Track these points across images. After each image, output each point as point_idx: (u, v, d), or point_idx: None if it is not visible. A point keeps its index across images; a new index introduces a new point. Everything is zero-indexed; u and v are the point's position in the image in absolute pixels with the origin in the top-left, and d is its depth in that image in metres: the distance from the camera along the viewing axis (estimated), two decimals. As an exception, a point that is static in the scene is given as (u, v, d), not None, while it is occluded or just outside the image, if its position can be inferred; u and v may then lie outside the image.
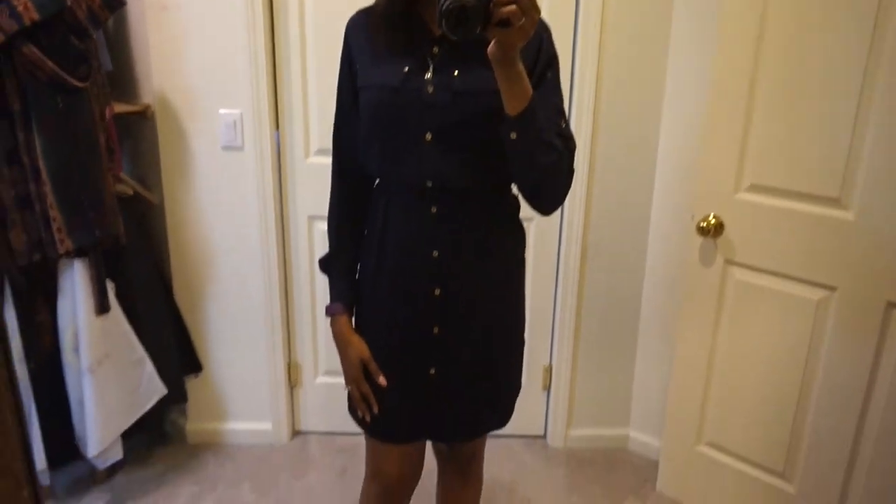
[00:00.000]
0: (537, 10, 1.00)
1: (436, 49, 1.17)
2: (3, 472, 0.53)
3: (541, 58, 1.20)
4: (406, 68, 1.17)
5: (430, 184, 1.20)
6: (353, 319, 1.37)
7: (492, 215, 1.27)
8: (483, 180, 1.22)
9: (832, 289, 1.74)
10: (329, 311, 1.36)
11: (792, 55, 1.69)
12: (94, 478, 2.18)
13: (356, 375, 1.32)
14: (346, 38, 1.27)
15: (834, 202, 1.69)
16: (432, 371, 1.30)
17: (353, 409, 1.39)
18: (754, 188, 1.82)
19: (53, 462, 1.98)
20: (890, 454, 1.70)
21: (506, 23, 0.97)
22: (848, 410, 1.76)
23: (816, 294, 1.77)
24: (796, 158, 1.73)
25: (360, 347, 1.32)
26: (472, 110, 1.14)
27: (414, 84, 1.16)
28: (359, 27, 1.26)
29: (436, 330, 1.28)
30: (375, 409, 1.32)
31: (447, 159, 1.18)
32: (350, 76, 1.27)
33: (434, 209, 1.22)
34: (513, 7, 0.96)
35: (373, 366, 1.31)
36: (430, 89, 1.16)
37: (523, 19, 0.97)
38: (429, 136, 1.18)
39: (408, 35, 1.17)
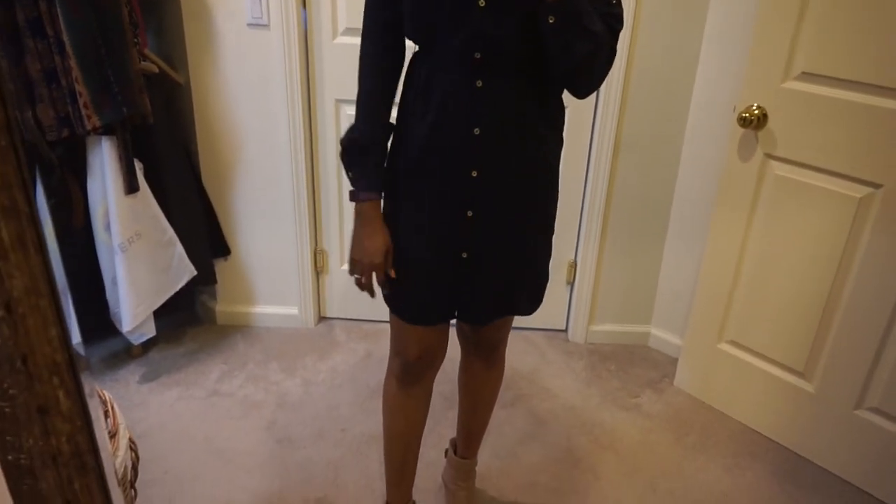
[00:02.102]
0: None
1: None
2: (35, 310, 0.53)
3: None
4: None
5: (478, 55, 1.13)
6: (384, 200, 1.33)
7: (538, 92, 1.21)
8: (536, 51, 1.14)
9: (877, 186, 1.69)
10: (360, 197, 1.27)
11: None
12: (130, 352, 2.26)
13: (377, 263, 1.28)
14: None
15: (888, 92, 1.60)
16: (464, 255, 1.29)
17: (385, 289, 1.37)
18: (805, 76, 1.73)
19: (88, 337, 2.04)
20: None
21: None
22: (878, 313, 1.74)
23: (859, 191, 1.72)
24: (852, 46, 1.63)
25: (387, 238, 1.29)
26: None
27: None
28: None
29: (470, 213, 1.25)
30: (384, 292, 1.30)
31: (500, 27, 1.11)
32: None
33: (479, 83, 1.16)
34: None
35: (390, 259, 1.30)
36: None
37: None
38: (482, 2, 1.10)
39: None
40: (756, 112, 1.82)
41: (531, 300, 1.42)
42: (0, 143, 0.46)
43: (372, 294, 1.33)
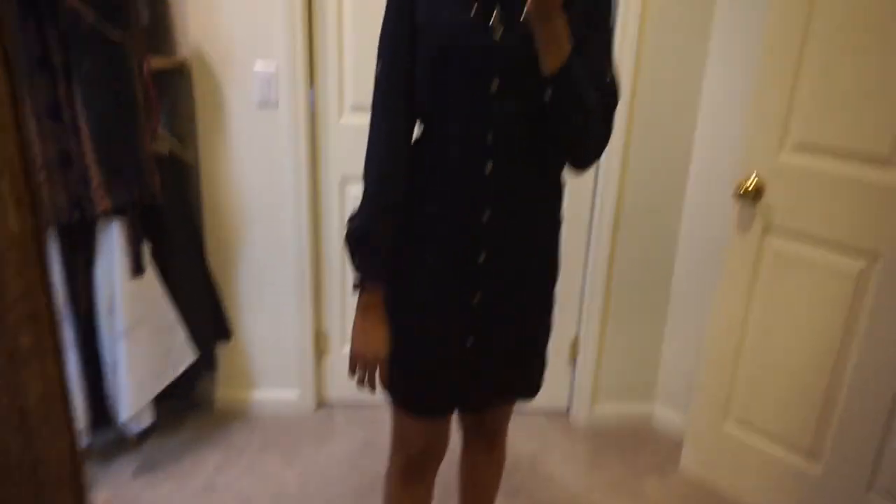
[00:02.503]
0: None
1: None
2: (47, 420, 0.51)
3: (600, 3, 1.17)
4: (472, 11, 1.11)
5: (490, 137, 1.14)
6: (391, 282, 1.27)
7: (544, 175, 1.23)
8: (543, 134, 1.15)
9: (875, 258, 1.71)
10: (364, 288, 1.22)
11: (847, 6, 1.64)
12: (125, 443, 2.17)
13: (382, 357, 1.24)
14: None
15: (883, 162, 1.65)
16: (471, 340, 1.26)
17: (388, 382, 1.31)
18: (800, 147, 1.79)
19: (89, 426, 1.97)
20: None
21: None
22: (883, 389, 1.73)
23: (857, 264, 1.74)
24: (846, 114, 1.69)
25: (387, 334, 1.25)
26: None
27: (482, 26, 1.11)
28: None
29: (477, 298, 1.23)
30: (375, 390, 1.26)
31: (511, 109, 1.13)
32: (407, 9, 1.16)
33: (490, 166, 1.16)
34: None
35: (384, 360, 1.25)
36: (498, 32, 1.11)
37: None
38: (495, 85, 1.12)
39: None
40: (753, 184, 1.84)
41: (533, 385, 1.40)
42: (29, 253, 0.44)
43: (374, 390, 1.27)
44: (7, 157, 0.43)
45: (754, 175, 1.85)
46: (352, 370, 1.27)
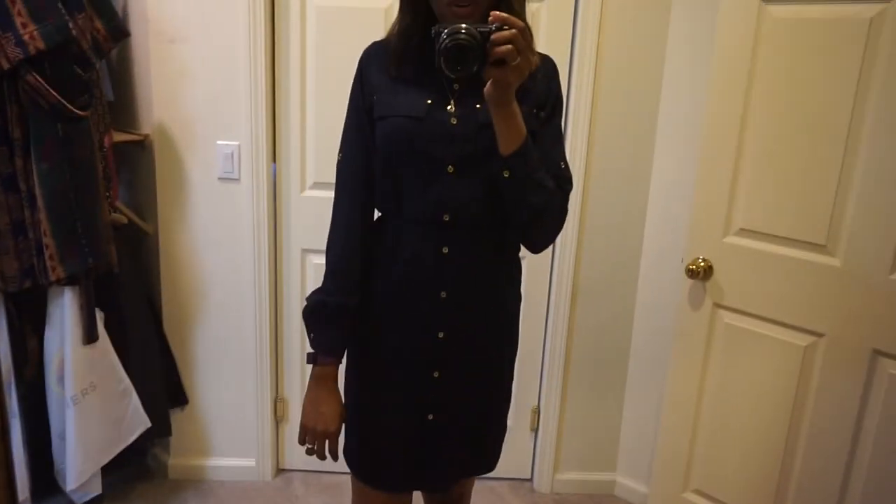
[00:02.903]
0: (532, 52, 1.04)
1: (456, 85, 1.18)
2: None
3: (550, 97, 1.23)
4: (429, 100, 1.18)
5: (447, 218, 1.19)
6: (348, 361, 1.33)
7: (500, 253, 1.28)
8: (499, 214, 1.20)
9: (819, 335, 1.76)
10: (318, 361, 1.26)
11: (780, 104, 1.74)
12: (72, 512, 2.13)
13: (332, 431, 1.27)
14: (360, 69, 1.26)
15: (821, 248, 1.72)
16: (430, 416, 1.28)
17: (347, 453, 1.35)
18: (743, 232, 1.85)
19: (33, 495, 1.93)
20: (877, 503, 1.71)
21: (502, 62, 1.00)
22: (835, 458, 1.76)
23: (804, 340, 1.79)
24: (784, 204, 1.77)
25: (342, 404, 1.29)
26: (495, 142, 1.12)
27: (437, 115, 1.17)
28: (374, 58, 1.25)
29: (436, 374, 1.27)
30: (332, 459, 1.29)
31: (468, 191, 1.18)
32: (364, 106, 1.24)
33: (446, 249, 1.21)
34: (509, 47, 0.99)
35: (341, 427, 1.29)
36: (454, 121, 1.17)
37: (518, 59, 1.00)
38: (451, 168, 1.18)
39: (426, 68, 1.17)
40: (702, 265, 1.92)
41: (492, 457, 1.42)
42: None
43: (323, 458, 1.29)
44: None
45: (701, 257, 1.92)
46: (300, 442, 1.29)
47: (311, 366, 1.27)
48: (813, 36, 1.66)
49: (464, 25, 1.01)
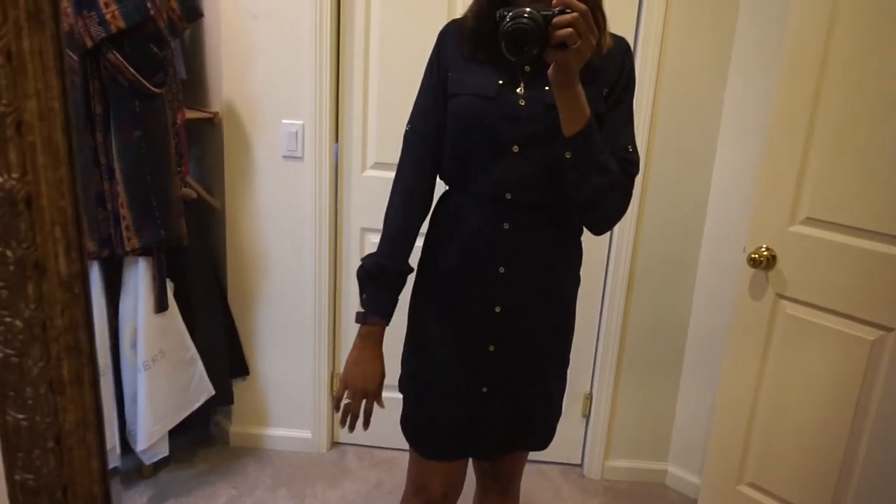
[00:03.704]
0: (594, 34, 1.04)
1: (527, 67, 1.20)
2: (81, 443, 0.57)
3: (622, 78, 1.23)
4: (500, 81, 1.20)
5: (509, 196, 1.22)
6: (408, 332, 1.38)
7: (561, 233, 1.29)
8: (561, 194, 1.22)
9: (889, 329, 1.70)
10: (367, 320, 1.29)
11: (854, 85, 1.68)
12: (141, 472, 2.24)
13: (371, 390, 1.29)
14: (438, 46, 1.30)
15: (891, 239, 1.66)
16: (484, 389, 1.31)
17: (405, 424, 1.39)
18: (810, 221, 1.81)
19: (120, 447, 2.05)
20: (944, 503, 1.66)
21: (563, 45, 1.02)
22: (900, 456, 1.71)
23: (872, 334, 1.73)
24: (854, 192, 1.71)
25: (383, 367, 1.31)
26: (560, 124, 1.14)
27: (507, 96, 1.20)
28: (451, 36, 1.28)
29: (491, 348, 1.29)
30: (363, 425, 1.30)
31: (531, 171, 1.21)
32: (439, 82, 1.27)
33: (507, 225, 1.23)
34: (569, 30, 1.00)
35: (380, 396, 1.31)
36: (522, 102, 1.19)
37: (580, 42, 1.01)
38: (516, 148, 1.20)
39: (499, 50, 1.18)
40: (765, 254, 1.87)
41: (544, 435, 1.43)
42: (74, 291, 0.52)
43: (354, 424, 1.31)
44: (62, 209, 0.50)
45: (764, 246, 1.88)
46: (338, 397, 1.32)
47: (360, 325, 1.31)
48: (892, 11, 1.59)
49: (527, 9, 1.02)
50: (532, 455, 1.52)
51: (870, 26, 1.63)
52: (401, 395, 1.40)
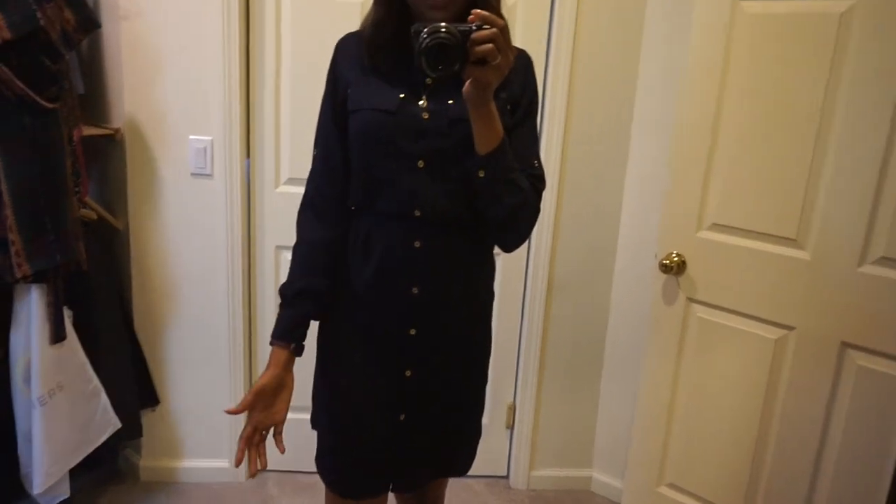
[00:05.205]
0: (513, 50, 1.04)
1: (429, 80, 1.17)
2: None
3: (527, 91, 1.22)
4: (401, 94, 1.17)
5: (418, 213, 1.18)
6: (318, 362, 1.32)
7: (475, 249, 1.27)
8: (471, 210, 1.19)
9: (790, 328, 1.79)
10: (271, 342, 1.24)
11: (753, 99, 1.77)
12: (39, 516, 2.07)
13: (270, 420, 1.23)
14: (335, 60, 1.26)
15: (791, 242, 1.75)
16: (402, 417, 1.27)
17: (320, 462, 1.32)
18: (715, 227, 1.88)
19: (-2, 498, 1.88)
20: (845, 496, 1.73)
21: (482, 61, 0.99)
22: (805, 450, 1.79)
23: (775, 333, 1.82)
24: (755, 199, 1.80)
25: (288, 396, 1.24)
26: (467, 137, 1.11)
27: (409, 110, 1.16)
28: (347, 50, 1.25)
29: (408, 373, 1.25)
30: (259, 462, 1.24)
31: (439, 187, 1.17)
32: (337, 98, 1.24)
33: (419, 243, 1.20)
34: (490, 46, 0.98)
35: (280, 427, 1.25)
36: (426, 115, 1.16)
37: (499, 58, 1.00)
38: (421, 164, 1.17)
39: (399, 62, 1.17)
40: (675, 259, 1.94)
41: (467, 459, 1.41)
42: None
43: (243, 454, 1.24)
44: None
45: (675, 252, 1.94)
46: (242, 433, 1.24)
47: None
48: (785, 31, 1.69)
49: (443, 24, 0.99)
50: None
51: (765, 41, 1.72)
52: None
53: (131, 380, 2.20)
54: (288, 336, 1.24)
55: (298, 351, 1.25)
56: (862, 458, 1.70)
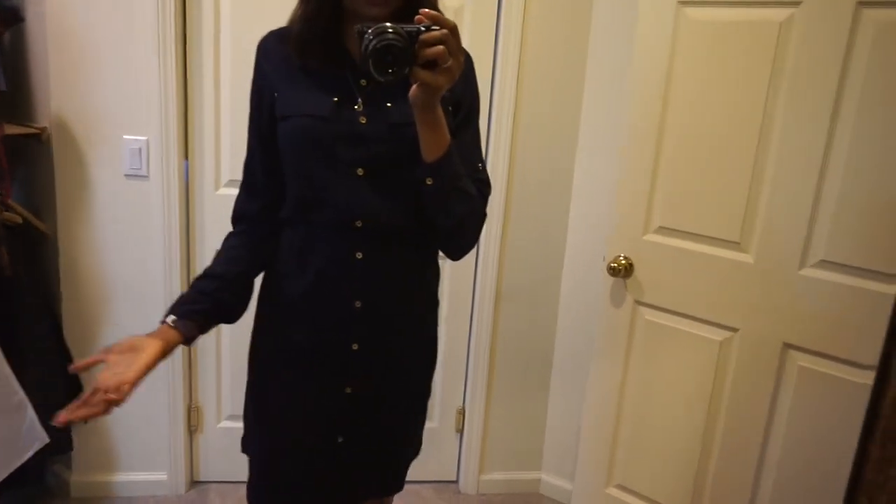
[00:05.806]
0: (462, 53, 0.98)
1: (363, 81, 1.11)
2: None
3: (467, 95, 1.17)
4: (335, 98, 1.10)
5: (359, 224, 1.12)
6: (249, 383, 1.25)
7: (419, 257, 1.21)
8: (414, 218, 1.14)
9: (734, 330, 1.81)
10: (170, 321, 1.13)
11: (697, 105, 1.78)
12: (-41, 539, 1.95)
13: (115, 381, 1.07)
14: (258, 64, 1.17)
15: (734, 245, 1.77)
16: (340, 439, 1.21)
17: (251, 491, 1.27)
18: (662, 230, 1.89)
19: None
20: (789, 494, 1.77)
21: (432, 64, 0.94)
22: (749, 449, 1.81)
23: (720, 335, 1.84)
24: (700, 202, 1.82)
25: (142, 368, 1.10)
26: (408, 143, 1.05)
27: (345, 115, 1.09)
28: (273, 50, 1.16)
29: (349, 390, 1.19)
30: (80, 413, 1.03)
31: (380, 196, 1.11)
32: (265, 105, 1.16)
33: (360, 255, 1.13)
34: (440, 48, 0.93)
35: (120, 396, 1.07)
36: (363, 120, 1.10)
37: (450, 61, 0.95)
38: (360, 171, 1.11)
39: (331, 63, 1.11)
40: (623, 262, 1.94)
41: (401, 478, 1.35)
42: None
43: (72, 412, 1.02)
44: None
45: (622, 255, 1.95)
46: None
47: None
48: (727, 38, 1.71)
49: (389, 25, 0.92)
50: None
51: (709, 48, 1.74)
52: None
53: (61, 392, 2.08)
54: (173, 309, 1.14)
55: (178, 325, 1.13)
56: (804, 456, 1.73)
